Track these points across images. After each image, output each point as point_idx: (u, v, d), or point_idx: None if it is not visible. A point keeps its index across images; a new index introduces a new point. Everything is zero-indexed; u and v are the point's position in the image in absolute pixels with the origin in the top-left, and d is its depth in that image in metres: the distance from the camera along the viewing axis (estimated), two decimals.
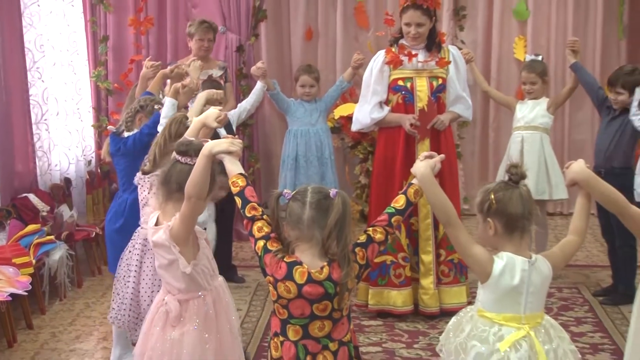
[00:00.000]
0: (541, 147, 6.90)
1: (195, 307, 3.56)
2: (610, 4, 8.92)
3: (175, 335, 3.52)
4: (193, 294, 3.57)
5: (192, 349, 3.50)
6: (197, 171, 3.33)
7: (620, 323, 5.85)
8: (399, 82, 5.98)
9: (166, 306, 3.56)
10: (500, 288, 3.23)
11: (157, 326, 3.56)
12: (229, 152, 3.36)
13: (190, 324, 3.53)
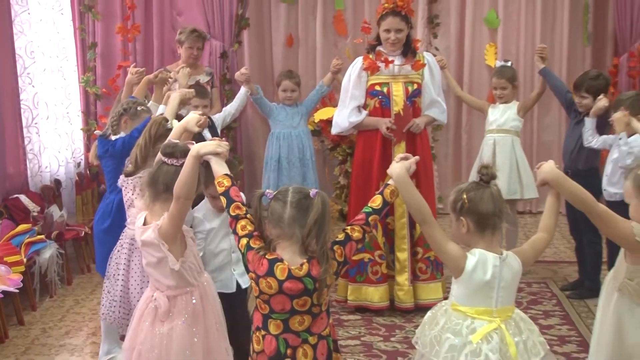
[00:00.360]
0: (512, 149, 6.91)
1: (183, 303, 3.55)
2: (575, 12, 8.98)
3: (164, 330, 3.51)
4: (181, 290, 3.56)
5: (181, 343, 3.50)
6: (185, 172, 3.33)
7: (586, 316, 5.90)
8: (376, 87, 5.99)
9: (155, 302, 3.55)
10: (473, 283, 3.24)
11: (146, 321, 3.55)
12: (216, 154, 3.37)
13: (179, 318, 3.53)
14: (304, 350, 3.16)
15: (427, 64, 6.08)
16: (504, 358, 3.16)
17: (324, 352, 3.21)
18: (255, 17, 8.94)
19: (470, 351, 3.16)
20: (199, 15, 8.41)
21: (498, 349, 3.15)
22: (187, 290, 3.58)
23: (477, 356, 3.14)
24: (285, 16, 9.10)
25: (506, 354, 3.17)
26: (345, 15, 9.05)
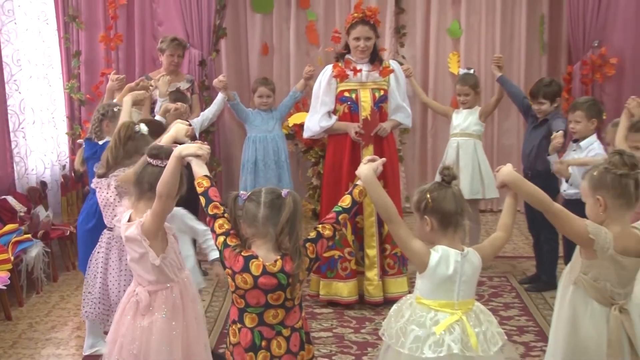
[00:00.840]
0: (474, 151, 6.96)
1: (163, 298, 3.55)
2: (532, 24, 9.04)
3: (144, 323, 3.51)
4: (162, 286, 3.56)
5: (160, 336, 3.50)
6: (167, 172, 3.34)
7: (543, 307, 5.95)
8: (345, 93, 6.01)
9: (137, 297, 3.55)
10: (436, 277, 3.26)
11: (128, 315, 3.55)
12: (197, 156, 3.37)
13: (159, 313, 3.52)
14: (278, 342, 3.18)
15: (394, 71, 6.11)
16: (465, 348, 3.18)
17: (296, 344, 3.22)
18: (232, 27, 8.93)
19: (434, 342, 3.17)
20: (178, 25, 8.38)
21: (460, 340, 3.17)
22: (167, 285, 3.57)
23: (440, 346, 3.15)
24: (260, 26, 9.10)
25: (467, 344, 3.19)
26: (317, 25, 9.07)
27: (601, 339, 3.32)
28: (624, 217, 3.36)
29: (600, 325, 3.34)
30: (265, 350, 3.17)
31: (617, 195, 3.32)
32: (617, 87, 8.38)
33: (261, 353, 3.17)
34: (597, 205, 3.33)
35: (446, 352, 3.16)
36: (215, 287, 6.53)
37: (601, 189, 3.33)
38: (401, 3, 9.00)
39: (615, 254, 3.28)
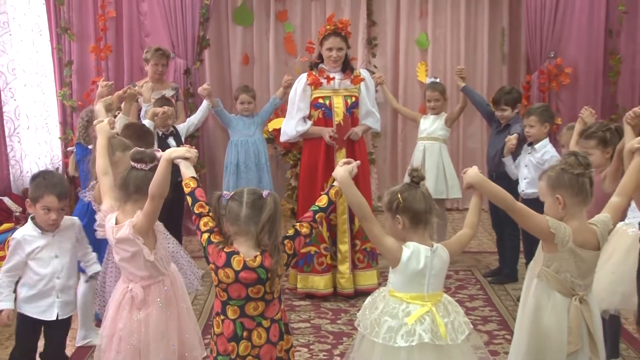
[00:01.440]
0: (440, 154, 7.00)
1: (157, 290, 3.56)
2: (493, 36, 9.11)
3: (141, 316, 3.52)
4: (154, 280, 3.57)
5: (157, 326, 3.52)
6: (159, 174, 3.35)
7: (505, 298, 5.99)
8: (319, 100, 6.03)
9: (132, 292, 3.54)
10: (408, 272, 3.27)
11: (124, 310, 3.54)
12: (185, 158, 3.40)
13: (154, 305, 3.54)
14: (259, 333, 3.19)
15: (364, 80, 6.14)
16: (435, 337, 3.20)
17: (276, 334, 3.22)
18: (214, 38, 8.91)
19: (406, 332, 3.19)
20: (164, 36, 8.34)
21: (430, 329, 3.19)
22: (159, 279, 3.59)
23: (412, 336, 3.17)
24: (241, 37, 9.11)
25: (437, 333, 3.20)
26: (294, 37, 9.08)
27: (562, 328, 3.34)
28: (581, 213, 3.38)
29: (561, 315, 3.35)
30: (247, 340, 3.18)
31: (575, 194, 3.34)
32: (571, 94, 8.42)
33: (243, 343, 3.17)
34: (557, 203, 3.35)
35: (417, 341, 3.17)
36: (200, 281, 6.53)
37: (560, 188, 3.35)
38: (373, 16, 9.03)
39: (575, 246, 3.30)
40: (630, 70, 8.42)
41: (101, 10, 8.36)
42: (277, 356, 3.24)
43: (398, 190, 3.34)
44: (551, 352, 3.36)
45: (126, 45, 8.50)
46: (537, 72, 8.43)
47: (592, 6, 8.30)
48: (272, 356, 3.22)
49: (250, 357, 3.19)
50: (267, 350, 3.21)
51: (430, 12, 9.05)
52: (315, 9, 9.06)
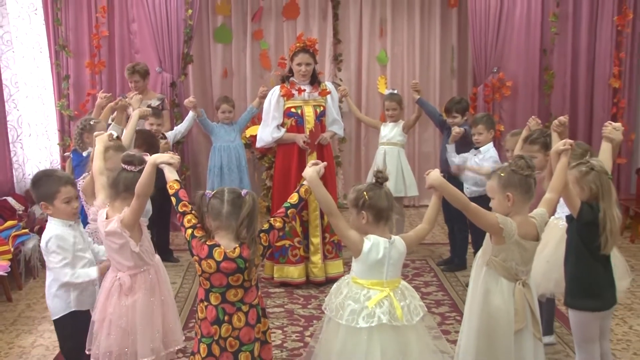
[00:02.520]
0: (398, 157, 7.04)
1: (142, 279, 3.55)
2: (444, 53, 9.18)
3: (128, 302, 3.51)
4: (139, 269, 3.55)
5: (143, 310, 3.51)
6: (144, 176, 3.35)
7: (455, 284, 6.06)
8: (291, 109, 6.05)
9: (120, 280, 3.53)
10: (368, 261, 3.30)
11: (114, 296, 3.53)
12: (169, 164, 3.40)
13: (140, 292, 3.52)
14: (238, 317, 3.19)
15: (330, 92, 6.18)
16: (392, 318, 3.24)
17: (254, 318, 3.23)
18: (197, 55, 8.88)
19: (367, 314, 3.23)
20: (152, 53, 8.32)
21: (388, 312, 3.24)
22: (144, 268, 3.57)
23: (371, 317, 3.22)
24: (221, 54, 9.10)
25: (394, 315, 3.25)
26: (269, 53, 9.07)
27: (509, 309, 3.38)
28: (524, 209, 3.43)
29: (508, 298, 3.39)
30: (228, 323, 3.19)
31: (524, 192, 3.39)
32: (512, 104, 8.55)
33: (224, 326, 3.18)
34: (506, 200, 3.39)
35: (377, 322, 3.21)
36: (185, 271, 6.53)
37: (510, 187, 3.39)
38: (338, 35, 9.04)
39: (519, 238, 3.35)
40: (562, 84, 8.55)
41: (95, 29, 8.38)
42: (255, 337, 3.24)
43: (364, 189, 3.36)
44: (501, 330, 3.39)
45: (118, 61, 8.48)
46: (482, 85, 8.53)
47: (528, 28, 8.45)
48: (250, 337, 3.22)
49: (231, 338, 3.19)
50: (246, 332, 3.21)
51: (389, 32, 9.09)
52: (287, 28, 9.07)
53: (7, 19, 7.22)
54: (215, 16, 9.02)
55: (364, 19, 9.09)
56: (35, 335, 5.25)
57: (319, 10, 9.03)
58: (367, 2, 9.06)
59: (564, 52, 8.50)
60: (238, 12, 9.03)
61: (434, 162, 7.71)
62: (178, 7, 8.31)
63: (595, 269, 3.71)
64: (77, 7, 8.38)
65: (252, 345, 3.24)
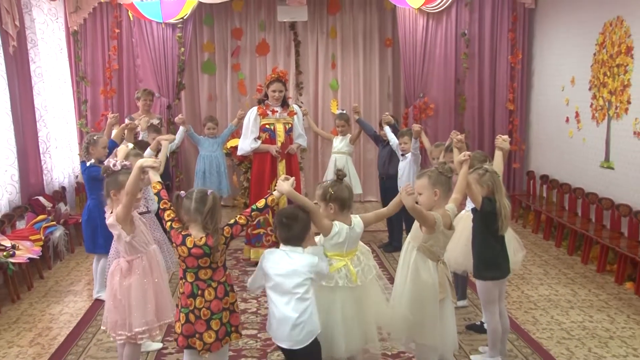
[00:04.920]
0: (346, 163, 7.10)
1: (137, 264, 3.50)
2: (382, 82, 9.20)
3: (126, 283, 3.48)
4: (134, 256, 3.51)
5: (138, 290, 3.47)
6: (132, 176, 3.31)
7: (393, 262, 6.12)
8: (266, 125, 6.08)
9: (120, 265, 3.52)
10: (333, 241, 3.35)
11: (116, 277, 3.51)
12: (152, 167, 3.35)
13: (135, 275, 3.48)
14: (209, 291, 3.15)
15: (296, 112, 6.22)
16: (349, 282, 3.32)
17: (222, 292, 3.17)
18: (188, 83, 8.86)
19: (329, 278, 3.30)
20: (152, 82, 8.32)
21: (345, 277, 3.32)
22: (138, 256, 3.52)
23: (331, 279, 3.30)
24: (207, 82, 9.06)
25: (350, 279, 3.33)
26: (245, 82, 9.06)
27: (434, 283, 3.42)
28: (445, 203, 3.47)
29: (433, 274, 3.42)
30: (201, 296, 3.13)
31: (447, 190, 3.45)
32: (434, 122, 8.70)
33: (198, 298, 3.13)
34: (434, 195, 3.42)
35: (334, 284, 3.30)
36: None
37: (437, 185, 3.42)
38: (299, 67, 9.06)
39: (444, 229, 3.39)
40: (472, 106, 8.71)
41: (108, 64, 8.39)
42: (223, 307, 3.17)
43: (329, 185, 3.36)
44: (429, 299, 3.42)
45: (125, 88, 8.47)
46: (411, 106, 8.66)
47: (446, 63, 8.61)
48: (219, 307, 3.15)
49: (204, 309, 3.13)
50: (215, 303, 3.15)
51: (339, 65, 9.13)
52: (259, 63, 9.06)
53: (39, 57, 7.22)
54: (202, 53, 8.99)
55: (319, 55, 9.12)
56: (62, 305, 5.26)
57: (284, 48, 9.07)
58: (322, 42, 9.09)
59: (473, 82, 8.66)
60: (220, 49, 9.02)
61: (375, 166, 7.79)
62: (173, 46, 8.39)
63: (494, 248, 3.82)
64: (94, 46, 8.39)
65: (221, 314, 3.17)
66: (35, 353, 4.34)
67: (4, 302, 5.29)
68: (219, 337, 3.15)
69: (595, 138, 6.69)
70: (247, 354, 4.19)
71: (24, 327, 4.81)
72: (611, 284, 5.58)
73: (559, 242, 6.85)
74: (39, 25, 7.29)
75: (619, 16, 6.28)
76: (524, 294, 5.37)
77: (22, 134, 6.55)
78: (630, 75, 6.05)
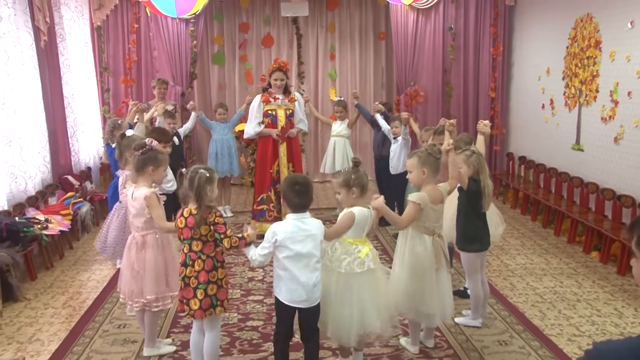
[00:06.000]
0: (344, 146, 7.09)
1: (151, 239, 3.48)
2: (377, 72, 9.21)
3: (141, 255, 3.46)
4: (149, 231, 3.48)
5: (152, 259, 3.45)
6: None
7: (385, 235, 6.20)
8: (269, 111, 6.07)
9: (135, 239, 3.50)
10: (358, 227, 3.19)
11: (132, 250, 3.49)
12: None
13: (149, 248, 3.46)
14: (199, 263, 3.12)
15: (297, 99, 6.19)
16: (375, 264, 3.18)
17: (209, 265, 3.14)
18: (200, 73, 8.83)
19: (359, 263, 3.14)
20: (167, 72, 8.29)
21: (372, 260, 3.17)
22: (152, 231, 3.47)
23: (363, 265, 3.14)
24: (217, 72, 9.04)
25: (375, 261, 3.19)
26: (251, 72, 9.05)
27: (430, 255, 3.41)
28: (433, 181, 3.45)
29: (428, 247, 3.41)
30: (191, 266, 3.12)
31: (435, 170, 3.43)
32: (423, 108, 8.69)
33: (188, 268, 3.12)
34: (422, 174, 3.42)
35: (367, 267, 3.13)
36: None
37: (426, 164, 3.40)
38: (301, 59, 9.04)
39: (431, 204, 3.37)
40: (457, 94, 8.70)
41: (128, 56, 8.36)
42: (210, 279, 3.12)
43: (350, 172, 3.23)
44: (426, 269, 3.41)
45: (143, 78, 8.46)
46: (403, 94, 8.64)
47: (434, 55, 8.58)
48: (205, 279, 3.11)
49: (193, 278, 3.12)
50: (203, 275, 3.12)
51: (337, 57, 9.11)
52: (265, 54, 9.04)
53: (67, 50, 7.21)
54: (213, 45, 8.96)
55: (319, 47, 9.09)
56: (89, 272, 5.33)
57: (287, 41, 9.04)
58: (322, 35, 9.06)
59: (458, 72, 8.65)
60: (229, 42, 8.99)
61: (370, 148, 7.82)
62: (186, 39, 8.34)
63: (477, 224, 3.84)
64: (115, 40, 8.36)
65: (206, 285, 3.12)
66: (67, 314, 4.43)
67: (40, 269, 5.37)
68: (202, 307, 3.12)
69: (568, 123, 6.72)
70: (255, 317, 4.26)
71: (57, 291, 4.89)
72: (579, 254, 5.65)
73: (535, 217, 6.90)
74: (66, 22, 7.27)
75: (588, 13, 6.27)
76: (503, 263, 5.42)
77: (53, 119, 6.57)
78: (598, 67, 6.06)
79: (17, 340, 4.00)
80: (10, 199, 5.62)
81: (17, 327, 4.21)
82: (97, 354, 3.75)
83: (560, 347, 3.75)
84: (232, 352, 3.71)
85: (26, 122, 6.04)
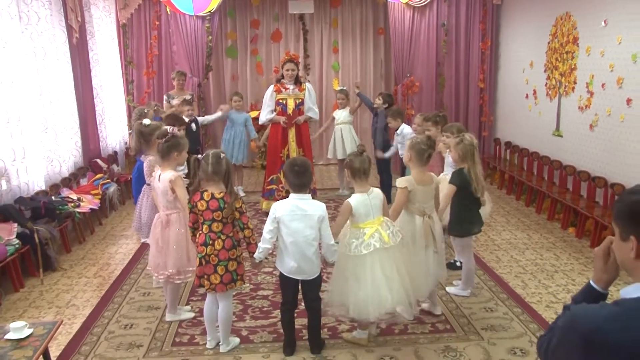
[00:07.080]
0: (350, 132, 7.01)
1: (175, 218, 3.48)
2: (376, 64, 9.14)
3: (166, 232, 3.48)
4: (173, 211, 3.48)
5: (174, 238, 3.46)
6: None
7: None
8: (280, 100, 6.04)
9: (161, 217, 3.50)
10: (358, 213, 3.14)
11: (157, 228, 3.51)
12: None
13: (173, 226, 3.46)
14: (218, 242, 3.09)
15: (306, 89, 6.11)
16: (383, 243, 3.08)
17: (229, 245, 3.10)
18: (215, 65, 8.79)
19: (365, 244, 3.09)
20: (186, 65, 8.26)
21: (379, 239, 3.09)
22: (176, 211, 3.47)
23: (369, 246, 3.07)
24: (231, 65, 8.99)
25: (383, 240, 3.09)
26: (262, 64, 9.00)
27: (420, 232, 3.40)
28: (420, 165, 3.43)
29: (419, 226, 3.41)
30: (211, 245, 3.09)
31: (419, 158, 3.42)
32: (419, 98, 8.61)
33: (209, 247, 3.09)
34: (408, 157, 3.45)
35: (372, 248, 3.06)
36: None
37: (412, 150, 3.41)
38: (307, 52, 8.99)
39: (417, 185, 3.37)
40: (450, 85, 8.63)
41: (150, 50, 8.34)
42: (229, 257, 3.10)
43: (349, 155, 3.25)
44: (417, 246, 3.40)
45: (164, 70, 8.43)
46: (400, 84, 8.57)
47: (429, 49, 8.50)
48: (225, 257, 3.08)
49: (213, 256, 3.09)
50: (223, 253, 3.09)
51: (340, 50, 9.05)
52: (274, 48, 8.98)
53: (96, 45, 7.22)
54: (227, 40, 8.91)
55: (324, 41, 9.04)
56: (117, 246, 5.39)
57: (294, 35, 8.98)
58: (326, 31, 9.00)
59: (450, 64, 8.58)
60: (241, 37, 8.94)
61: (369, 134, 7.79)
62: (202, 35, 8.29)
63: (470, 209, 3.81)
64: (139, 36, 8.34)
65: (227, 262, 3.10)
66: (98, 283, 4.50)
67: (74, 243, 5.45)
68: (223, 281, 3.10)
69: (549, 111, 6.69)
70: (265, 287, 4.32)
71: (89, 263, 4.96)
72: (558, 229, 5.68)
73: (519, 196, 6.91)
74: (95, 20, 7.28)
75: (567, 12, 6.23)
76: (490, 238, 5.45)
77: (83, 108, 6.59)
78: (576, 61, 6.04)
79: (56, 305, 4.09)
80: (47, 180, 5.67)
81: (56, 294, 4.29)
82: (125, 318, 3.83)
83: (540, 312, 3.80)
84: (244, 318, 3.77)
85: (60, 111, 6.07)
